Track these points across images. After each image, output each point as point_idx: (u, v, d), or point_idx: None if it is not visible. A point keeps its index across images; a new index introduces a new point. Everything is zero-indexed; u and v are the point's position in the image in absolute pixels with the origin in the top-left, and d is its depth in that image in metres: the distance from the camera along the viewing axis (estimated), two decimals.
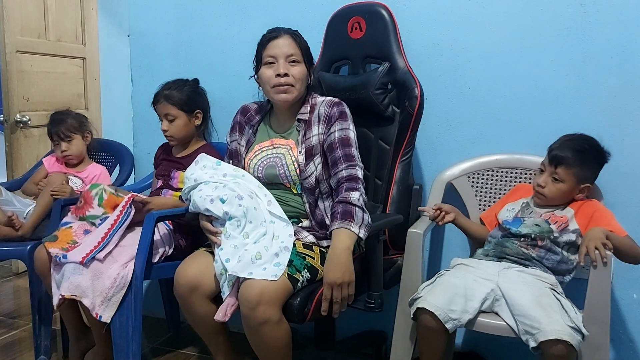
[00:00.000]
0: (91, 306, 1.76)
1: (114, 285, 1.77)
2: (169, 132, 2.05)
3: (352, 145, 1.69)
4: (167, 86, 2.07)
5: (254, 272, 1.50)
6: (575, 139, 1.68)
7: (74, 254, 1.77)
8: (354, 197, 1.59)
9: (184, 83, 2.09)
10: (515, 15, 1.90)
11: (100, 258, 1.77)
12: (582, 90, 1.84)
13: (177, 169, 2.07)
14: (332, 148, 1.69)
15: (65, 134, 2.29)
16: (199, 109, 2.09)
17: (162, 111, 2.05)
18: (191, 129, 2.09)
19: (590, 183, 1.67)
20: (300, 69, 1.72)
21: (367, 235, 1.57)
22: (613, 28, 1.79)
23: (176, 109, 2.03)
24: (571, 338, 1.38)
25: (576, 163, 1.63)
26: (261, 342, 1.51)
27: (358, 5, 1.97)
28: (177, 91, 2.05)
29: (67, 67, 3.06)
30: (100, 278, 1.76)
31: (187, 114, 2.06)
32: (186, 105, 2.05)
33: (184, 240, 2.00)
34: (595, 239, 1.50)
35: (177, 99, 2.03)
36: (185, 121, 2.06)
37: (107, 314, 1.78)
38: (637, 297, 1.86)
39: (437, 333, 1.51)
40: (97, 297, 1.76)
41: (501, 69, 1.93)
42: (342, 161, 1.66)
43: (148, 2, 2.43)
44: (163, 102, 2.04)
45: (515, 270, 1.61)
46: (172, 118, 2.04)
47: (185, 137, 2.10)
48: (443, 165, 1.99)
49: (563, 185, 1.66)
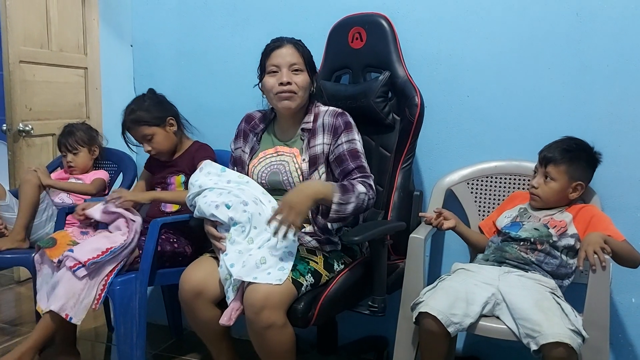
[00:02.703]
0: (61, 309, 1.74)
1: (85, 287, 1.76)
2: (154, 151, 2.07)
3: (361, 157, 1.74)
4: (129, 111, 2.05)
5: (259, 277, 1.52)
6: (563, 140, 1.74)
7: (80, 251, 1.77)
8: (360, 189, 1.63)
9: (142, 99, 2.09)
10: (512, 25, 1.94)
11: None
12: (578, 98, 1.88)
13: (172, 174, 2.09)
14: (342, 159, 1.72)
15: (73, 146, 2.34)
16: (168, 116, 2.08)
17: (138, 135, 2.05)
18: (172, 138, 2.10)
19: (583, 181, 1.71)
20: (303, 78, 1.76)
21: (334, 218, 1.61)
22: (609, 37, 1.83)
23: (149, 127, 2.04)
24: (572, 341, 1.40)
25: (565, 160, 1.68)
26: (266, 346, 1.53)
27: (359, 16, 2.00)
28: (142, 110, 2.04)
29: (69, 76, 3.08)
30: (71, 280, 1.76)
31: (161, 126, 2.06)
32: (157, 119, 2.05)
33: (189, 247, 2.02)
34: (593, 243, 1.53)
35: (146, 118, 2.03)
36: (163, 134, 2.06)
37: (78, 316, 1.77)
38: (636, 301, 1.88)
39: (439, 337, 1.52)
40: (70, 299, 1.75)
41: (499, 77, 1.97)
42: (356, 172, 1.70)
43: (151, 13, 2.47)
44: (134, 127, 2.04)
45: (515, 274, 1.63)
46: (150, 137, 2.04)
47: (171, 147, 2.11)
48: (443, 171, 2.02)
49: (555, 184, 1.70)
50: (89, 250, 1.78)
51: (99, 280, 1.79)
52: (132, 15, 2.51)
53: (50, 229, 2.18)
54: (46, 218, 2.21)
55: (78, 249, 1.78)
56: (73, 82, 3.11)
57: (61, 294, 1.75)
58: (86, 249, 1.78)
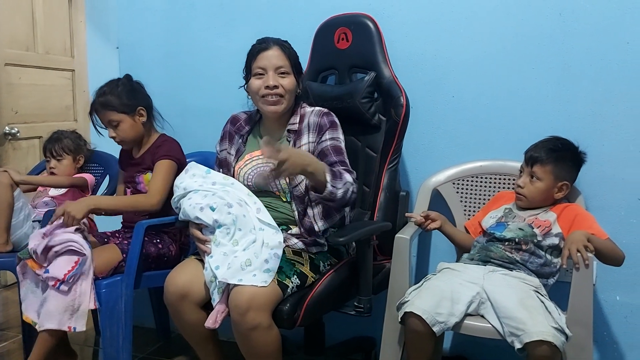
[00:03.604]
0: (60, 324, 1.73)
1: (77, 295, 1.75)
2: (118, 138, 2.01)
3: (344, 154, 1.74)
4: (100, 93, 1.99)
5: (244, 279, 1.52)
6: (549, 139, 1.76)
7: (54, 268, 1.73)
8: (346, 176, 1.64)
9: (116, 84, 2.01)
10: (497, 26, 1.95)
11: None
12: (562, 97, 1.89)
13: (140, 172, 2.05)
14: (325, 154, 1.72)
15: (58, 152, 2.31)
16: (139, 106, 2.02)
17: (104, 119, 1.99)
18: (139, 128, 2.03)
19: (568, 181, 1.72)
20: (290, 80, 1.75)
21: (326, 198, 1.61)
22: (591, 37, 1.84)
23: (117, 113, 1.97)
24: (555, 339, 1.40)
25: (551, 160, 1.70)
26: (251, 347, 1.53)
27: (344, 17, 2.01)
28: (112, 95, 1.97)
29: (55, 79, 3.07)
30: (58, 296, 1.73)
31: (130, 115, 1.99)
32: (126, 107, 1.98)
33: (173, 245, 2.01)
34: (577, 241, 1.54)
35: (115, 104, 1.96)
36: (130, 122, 2.00)
37: (80, 324, 1.75)
38: (620, 299, 1.90)
39: (424, 336, 1.53)
40: (66, 312, 1.74)
41: (484, 77, 1.98)
42: (338, 165, 1.70)
43: (137, 14, 2.46)
44: (102, 110, 1.98)
45: (500, 273, 1.64)
46: (116, 123, 1.98)
47: (136, 138, 2.05)
48: (429, 172, 2.03)
49: (541, 183, 1.71)
50: (62, 264, 1.74)
51: (89, 282, 1.77)
52: (119, 17, 2.50)
53: (28, 229, 2.15)
54: (24, 217, 2.17)
55: (52, 267, 1.74)
56: (60, 84, 3.09)
57: (54, 310, 1.73)
58: (60, 264, 1.74)
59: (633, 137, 1.83)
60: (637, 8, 1.79)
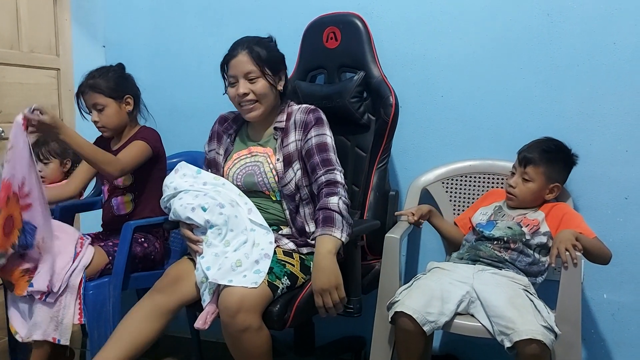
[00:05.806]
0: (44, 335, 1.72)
1: (61, 307, 1.74)
2: (100, 123, 1.97)
3: (330, 150, 1.71)
4: (90, 75, 1.97)
5: (234, 280, 1.51)
6: (542, 141, 1.76)
7: (38, 281, 1.71)
8: (332, 203, 1.61)
9: (107, 69, 1.99)
10: (485, 26, 1.96)
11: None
12: (550, 97, 1.91)
13: None
14: (310, 154, 1.71)
15: (45, 155, 2.26)
16: (128, 94, 1.99)
17: (90, 101, 1.95)
18: (123, 117, 2.00)
19: (560, 183, 1.74)
20: (261, 84, 1.71)
21: (348, 239, 1.58)
22: (578, 37, 1.86)
23: (104, 97, 1.94)
24: (544, 337, 1.41)
25: (544, 162, 1.70)
26: (241, 349, 1.52)
27: (333, 16, 2.00)
28: (102, 79, 1.95)
29: (40, 78, 3.02)
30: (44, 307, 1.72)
31: (117, 101, 1.96)
32: (114, 92, 1.95)
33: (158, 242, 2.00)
34: (565, 240, 1.55)
35: (103, 87, 1.94)
36: (116, 109, 1.96)
37: (65, 337, 1.74)
38: (608, 297, 1.92)
39: (415, 336, 1.53)
40: (51, 323, 1.73)
41: (472, 77, 1.99)
42: (320, 167, 1.68)
43: (124, 13, 2.44)
44: (89, 92, 1.94)
45: (489, 272, 1.65)
46: (101, 107, 1.94)
47: (119, 126, 2.01)
48: (418, 171, 2.03)
49: (533, 184, 1.72)
50: (46, 277, 1.71)
51: (74, 296, 1.76)
52: (105, 15, 2.48)
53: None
54: None
55: (36, 280, 1.71)
56: (45, 83, 3.04)
57: (40, 321, 1.72)
58: (44, 277, 1.71)
59: (620, 136, 1.85)
60: (623, 9, 1.81)
